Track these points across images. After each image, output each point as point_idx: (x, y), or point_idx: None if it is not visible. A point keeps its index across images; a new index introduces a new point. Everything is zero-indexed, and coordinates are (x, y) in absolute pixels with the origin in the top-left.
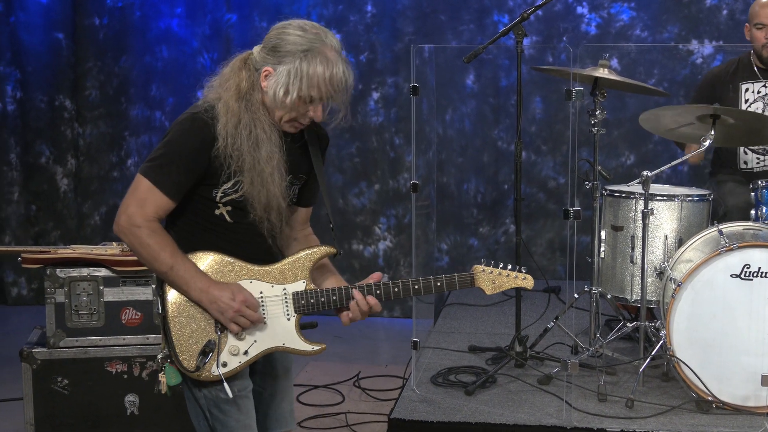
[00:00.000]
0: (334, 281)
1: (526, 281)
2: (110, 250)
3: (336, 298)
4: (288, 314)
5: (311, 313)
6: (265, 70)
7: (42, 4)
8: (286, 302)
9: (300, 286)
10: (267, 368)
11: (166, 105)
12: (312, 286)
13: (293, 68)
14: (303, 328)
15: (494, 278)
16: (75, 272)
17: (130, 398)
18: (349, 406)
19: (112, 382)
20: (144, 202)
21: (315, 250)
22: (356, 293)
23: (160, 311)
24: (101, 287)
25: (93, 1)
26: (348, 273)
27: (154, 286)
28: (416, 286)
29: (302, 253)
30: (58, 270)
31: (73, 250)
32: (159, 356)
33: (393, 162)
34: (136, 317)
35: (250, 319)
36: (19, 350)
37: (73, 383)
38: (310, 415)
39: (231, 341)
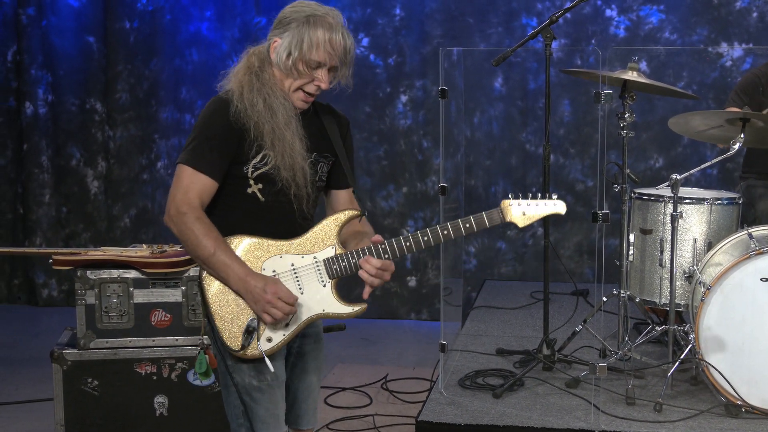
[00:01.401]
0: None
1: (557, 206)
2: (140, 252)
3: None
4: (323, 281)
5: (345, 275)
6: (273, 41)
7: (73, 8)
8: (319, 270)
9: (329, 252)
10: (298, 361)
11: (195, 108)
12: (341, 250)
13: (296, 33)
14: (330, 330)
15: (524, 209)
16: (105, 274)
17: (159, 399)
18: (377, 408)
19: (142, 383)
20: (188, 188)
21: (339, 215)
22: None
23: (200, 299)
24: (131, 289)
25: (124, 4)
26: None
27: (183, 288)
28: (445, 232)
29: (327, 220)
30: (88, 272)
31: (104, 252)
32: (198, 344)
33: (421, 165)
34: (166, 319)
35: (283, 311)
36: (50, 351)
37: (102, 384)
38: (338, 417)
39: None
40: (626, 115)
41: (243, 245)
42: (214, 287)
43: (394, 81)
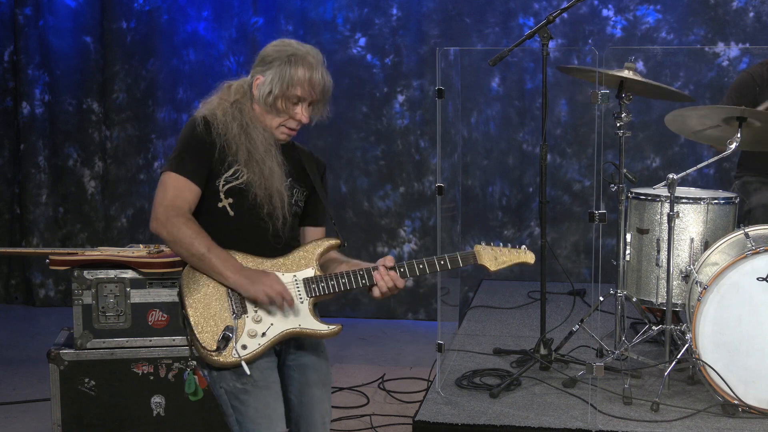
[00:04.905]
0: (348, 267)
1: (528, 256)
2: (137, 252)
3: (345, 280)
4: (301, 298)
5: (322, 296)
6: (256, 79)
7: (70, 8)
8: (298, 287)
9: (309, 272)
10: (299, 375)
11: (192, 108)
12: (320, 272)
13: (278, 71)
14: None
15: (496, 255)
16: (102, 274)
17: (156, 399)
18: (374, 408)
19: (139, 383)
20: (175, 194)
21: (320, 241)
22: (380, 269)
23: (179, 305)
24: (128, 289)
25: (121, 4)
26: None
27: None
28: (420, 266)
29: (308, 245)
30: (85, 272)
31: (101, 252)
32: (189, 363)
33: (418, 165)
34: (163, 319)
35: (284, 295)
36: (47, 351)
37: (99, 384)
38: (335, 417)
39: (248, 325)
40: (623, 115)
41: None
42: (194, 294)
43: (391, 81)
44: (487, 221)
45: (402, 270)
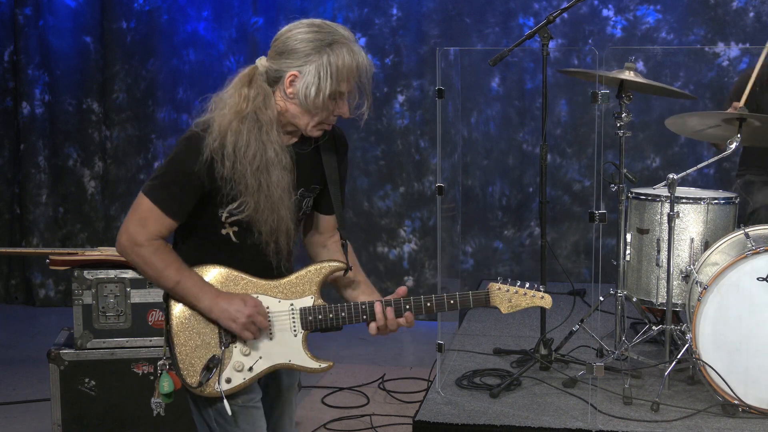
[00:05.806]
0: (365, 295)
1: (544, 300)
2: None
3: (345, 314)
4: (295, 330)
5: (319, 329)
6: (290, 75)
7: (70, 8)
8: (293, 318)
9: (308, 301)
10: (270, 381)
11: (192, 108)
12: (321, 301)
13: (322, 64)
14: (327, 330)
15: (510, 296)
16: (102, 274)
17: (157, 399)
18: (374, 408)
19: (139, 383)
20: (145, 221)
21: (324, 265)
22: (377, 306)
23: (164, 324)
24: (128, 289)
25: (121, 4)
26: (373, 275)
27: None
28: (428, 304)
29: (311, 268)
30: (85, 272)
31: (101, 252)
32: (159, 363)
33: (418, 165)
34: (163, 319)
35: (261, 326)
36: (47, 351)
37: (99, 384)
38: (335, 417)
39: (235, 357)
40: (623, 115)
41: (218, 275)
42: (179, 316)
43: (391, 81)
44: (487, 221)
45: (408, 307)
